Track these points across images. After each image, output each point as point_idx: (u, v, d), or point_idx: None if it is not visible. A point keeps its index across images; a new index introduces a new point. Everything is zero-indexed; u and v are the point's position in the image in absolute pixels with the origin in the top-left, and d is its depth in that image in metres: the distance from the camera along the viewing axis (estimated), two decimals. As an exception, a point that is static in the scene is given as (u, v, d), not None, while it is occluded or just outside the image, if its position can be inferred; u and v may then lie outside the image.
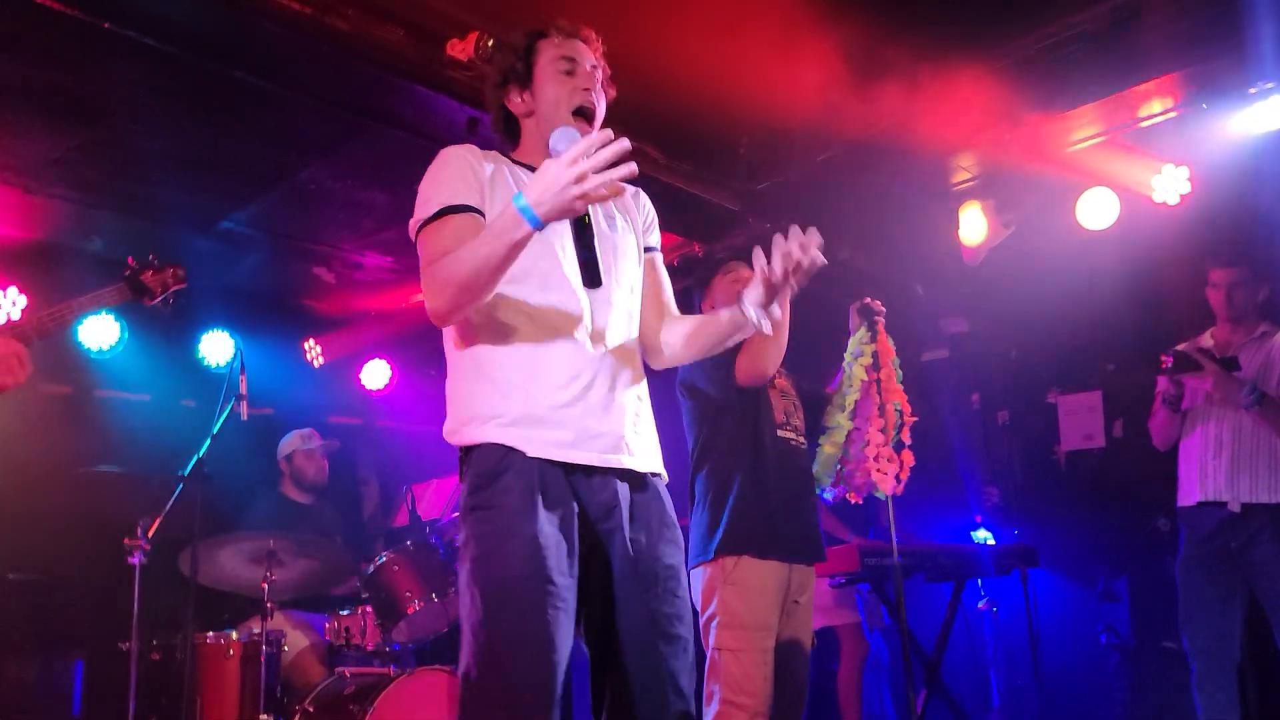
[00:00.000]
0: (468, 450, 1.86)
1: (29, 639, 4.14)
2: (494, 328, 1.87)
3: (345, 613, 4.11)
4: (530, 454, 1.80)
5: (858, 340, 3.28)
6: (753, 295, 1.86)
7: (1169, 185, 4.16)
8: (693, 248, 4.82)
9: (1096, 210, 4.34)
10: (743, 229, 4.55)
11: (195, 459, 3.69)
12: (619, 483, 1.88)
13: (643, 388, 1.99)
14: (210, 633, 3.87)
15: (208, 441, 3.67)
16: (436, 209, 1.85)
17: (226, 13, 3.02)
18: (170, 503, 3.69)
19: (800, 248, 1.77)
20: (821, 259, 1.80)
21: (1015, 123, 3.98)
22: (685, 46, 3.41)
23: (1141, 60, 3.70)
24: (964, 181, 4.54)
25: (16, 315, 4.60)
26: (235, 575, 4.01)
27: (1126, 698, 4.66)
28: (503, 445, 1.81)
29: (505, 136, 2.04)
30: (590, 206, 1.80)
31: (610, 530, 1.85)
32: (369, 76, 3.38)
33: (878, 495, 3.17)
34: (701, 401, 3.07)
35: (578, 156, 1.62)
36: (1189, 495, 3.67)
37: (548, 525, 1.76)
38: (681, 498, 2.53)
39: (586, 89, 1.96)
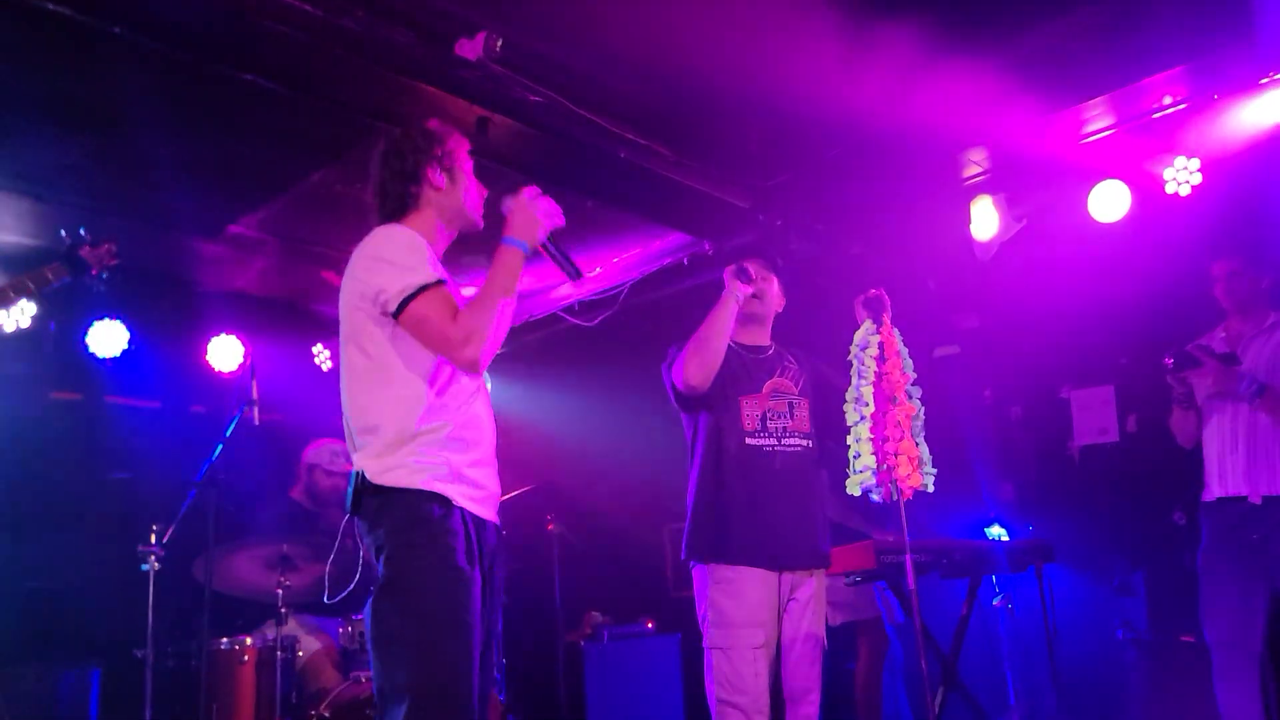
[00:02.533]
0: (392, 491, 2.12)
1: (45, 647, 4.13)
2: (437, 390, 2.19)
3: (358, 617, 4.10)
4: (456, 504, 2.15)
5: (864, 332, 3.27)
6: None
7: (1180, 177, 4.15)
8: (703, 246, 4.80)
9: (1108, 203, 4.32)
10: (753, 226, 4.54)
11: (207, 464, 3.68)
12: (493, 529, 2.28)
13: None
14: (225, 639, 3.87)
15: (220, 447, 3.67)
16: (432, 280, 2.17)
17: (235, 16, 3.01)
18: (184, 509, 3.69)
19: None
20: None
21: (1026, 117, 3.97)
22: (694, 44, 3.40)
23: (1152, 52, 3.69)
24: (975, 176, 4.53)
25: (26, 323, 4.61)
26: (249, 581, 4.01)
27: (1145, 693, 4.63)
28: (433, 493, 2.12)
29: (397, 204, 2.36)
30: None
31: (487, 569, 2.23)
32: (378, 78, 3.37)
33: (893, 497, 3.14)
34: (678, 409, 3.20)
35: (533, 193, 2.33)
36: (1210, 491, 3.67)
37: (467, 563, 2.11)
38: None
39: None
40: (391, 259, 2.17)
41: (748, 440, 3.06)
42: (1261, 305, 3.67)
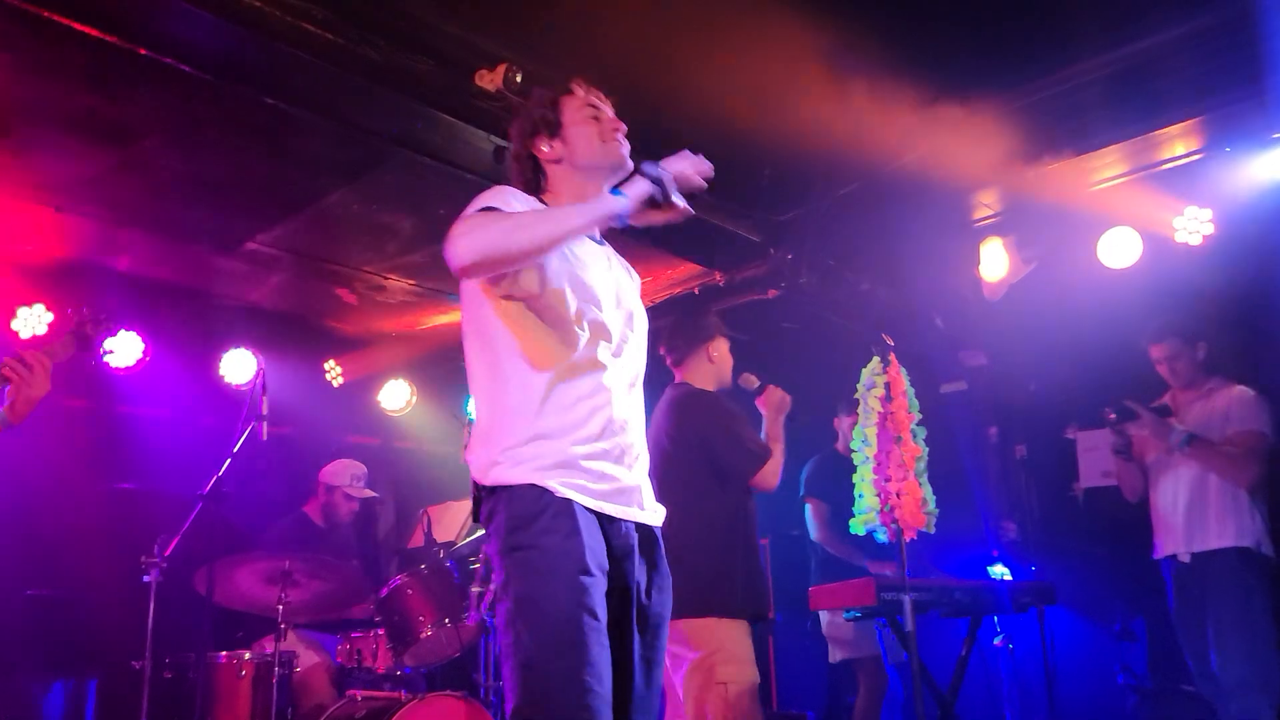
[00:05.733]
0: (498, 489, 1.89)
1: (44, 656, 4.15)
2: (536, 371, 1.91)
3: (357, 635, 4.11)
4: (564, 497, 1.85)
5: (870, 371, 3.29)
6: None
7: (1191, 226, 4.16)
8: (714, 277, 4.84)
9: (1118, 249, 4.34)
10: (764, 260, 4.57)
11: (215, 478, 3.71)
12: (633, 530, 1.96)
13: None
14: (223, 652, 3.88)
15: (227, 461, 3.69)
16: (505, 209, 1.89)
17: (260, 41, 3.06)
18: (188, 521, 3.71)
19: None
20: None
21: (1037, 162, 4.00)
22: (709, 79, 3.44)
23: (1164, 103, 3.74)
24: (986, 217, 4.55)
25: (43, 330, 4.66)
26: (250, 595, 4.02)
27: (1143, 741, 4.60)
28: (540, 487, 1.84)
29: (529, 183, 2.11)
30: (611, 266, 2.09)
31: (626, 574, 1.91)
32: (398, 105, 3.42)
33: (884, 537, 3.17)
34: None
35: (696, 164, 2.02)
36: (1158, 549, 3.91)
37: (589, 563, 1.80)
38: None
39: (615, 129, 2.10)
40: (483, 197, 1.94)
41: None
42: (1201, 375, 3.94)
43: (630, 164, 2.08)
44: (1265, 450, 3.71)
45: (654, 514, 2.02)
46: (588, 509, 1.86)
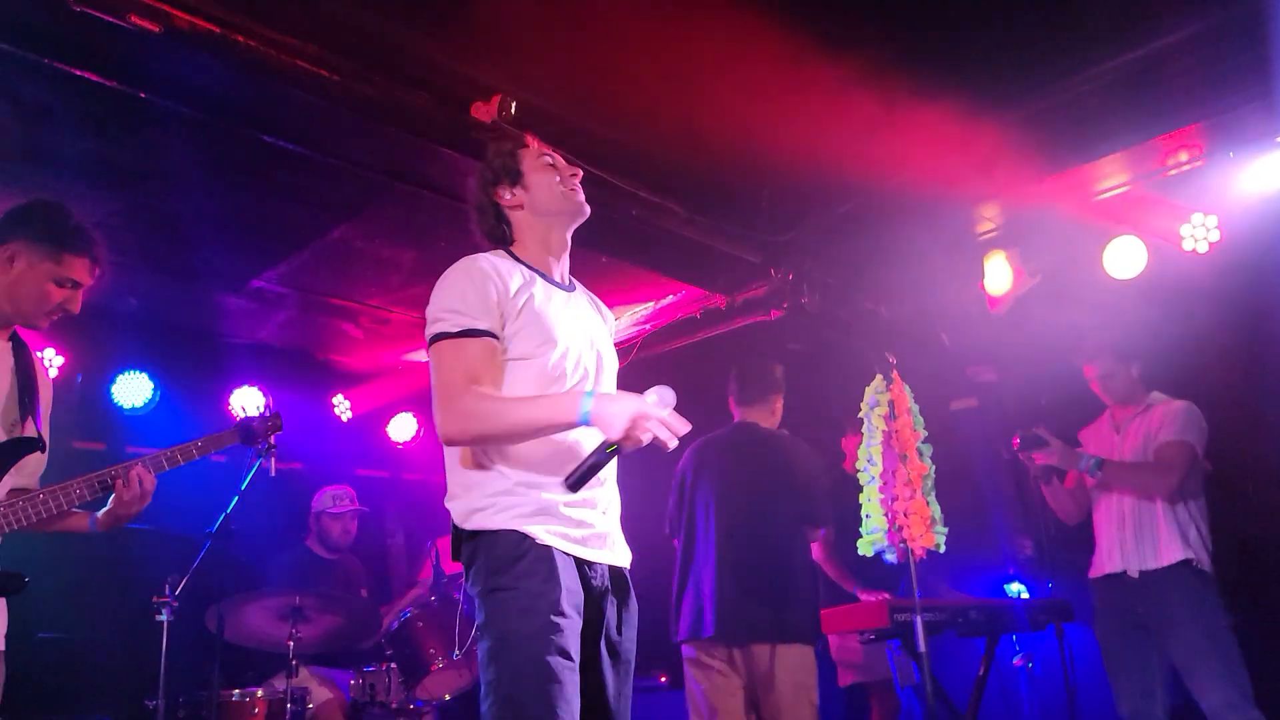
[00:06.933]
0: (480, 534, 1.99)
1: (58, 697, 4.14)
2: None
3: (369, 669, 4.09)
4: (544, 543, 1.95)
5: (874, 389, 3.28)
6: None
7: (1198, 234, 4.13)
8: (714, 300, 4.83)
9: (1124, 259, 4.30)
10: (765, 281, 4.56)
11: (222, 516, 3.71)
12: (606, 571, 2.08)
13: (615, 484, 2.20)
14: (236, 690, 3.87)
15: (235, 499, 3.70)
16: (462, 328, 1.99)
17: (258, 81, 3.10)
18: (197, 560, 3.71)
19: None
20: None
21: (1040, 173, 3.98)
22: (706, 103, 3.46)
23: (1167, 110, 3.71)
24: (988, 231, 4.53)
25: (53, 374, 4.69)
26: (261, 632, 4.02)
27: (1170, 758, 4.50)
28: (520, 533, 1.95)
29: (496, 235, 2.22)
30: (582, 313, 2.16)
31: (603, 613, 2.04)
32: (396, 140, 3.46)
33: (893, 557, 3.13)
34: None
35: (664, 420, 1.87)
36: (1096, 568, 3.88)
37: (565, 606, 1.91)
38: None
39: (573, 174, 2.23)
40: (440, 299, 2.04)
41: None
42: (1139, 391, 3.94)
43: (587, 209, 2.21)
44: (1185, 461, 3.67)
45: (623, 556, 2.14)
46: (566, 553, 1.97)
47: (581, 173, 2.25)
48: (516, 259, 2.16)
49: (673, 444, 1.89)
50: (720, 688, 3.50)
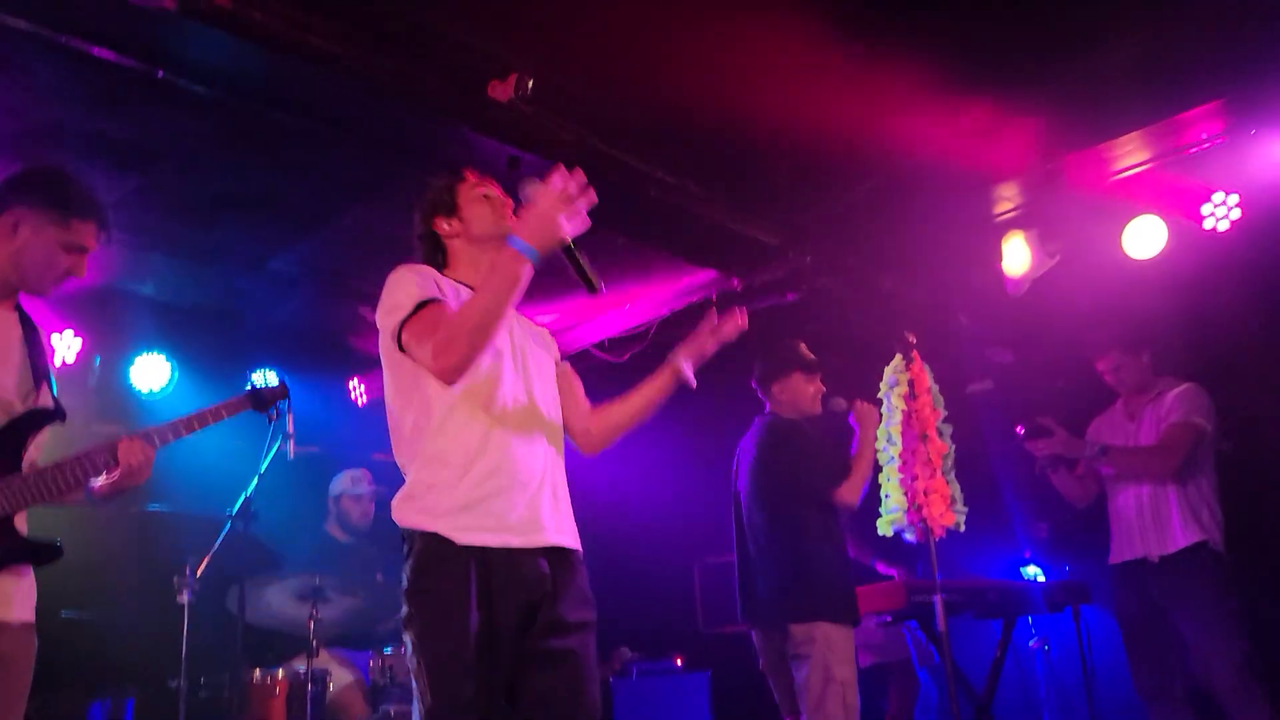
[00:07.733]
0: (411, 533, 2.10)
1: (81, 677, 4.18)
2: (440, 424, 2.12)
3: (388, 651, 4.11)
4: (460, 543, 2.04)
5: (893, 369, 3.27)
6: (689, 353, 2.40)
7: (1219, 212, 4.09)
8: (730, 283, 4.80)
9: (1144, 238, 4.27)
10: (782, 262, 4.54)
11: (243, 498, 3.73)
12: (542, 559, 2.12)
13: (562, 472, 2.27)
14: (257, 671, 3.89)
15: (255, 481, 3.71)
16: (415, 304, 2.10)
17: (273, 60, 3.09)
18: (218, 542, 3.73)
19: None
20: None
21: (1059, 152, 3.95)
22: (722, 82, 3.43)
23: (1187, 87, 3.67)
24: (1007, 211, 4.49)
25: (71, 359, 4.71)
26: (282, 613, 4.04)
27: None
28: (438, 535, 2.05)
29: (430, 257, 2.38)
30: (513, 329, 2.25)
31: (536, 604, 2.09)
32: (412, 118, 3.44)
33: (912, 537, 3.12)
34: None
35: (561, 186, 1.96)
36: (1117, 554, 3.89)
37: (477, 610, 2.01)
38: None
39: (505, 203, 2.37)
40: (387, 303, 2.16)
41: None
42: (1149, 377, 3.97)
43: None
44: (1187, 442, 3.69)
45: (563, 536, 2.18)
46: (492, 548, 2.05)
47: (512, 203, 2.32)
48: (445, 278, 2.29)
49: (582, 202, 1.96)
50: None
